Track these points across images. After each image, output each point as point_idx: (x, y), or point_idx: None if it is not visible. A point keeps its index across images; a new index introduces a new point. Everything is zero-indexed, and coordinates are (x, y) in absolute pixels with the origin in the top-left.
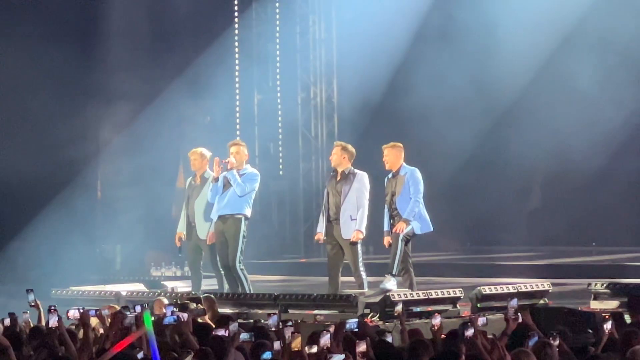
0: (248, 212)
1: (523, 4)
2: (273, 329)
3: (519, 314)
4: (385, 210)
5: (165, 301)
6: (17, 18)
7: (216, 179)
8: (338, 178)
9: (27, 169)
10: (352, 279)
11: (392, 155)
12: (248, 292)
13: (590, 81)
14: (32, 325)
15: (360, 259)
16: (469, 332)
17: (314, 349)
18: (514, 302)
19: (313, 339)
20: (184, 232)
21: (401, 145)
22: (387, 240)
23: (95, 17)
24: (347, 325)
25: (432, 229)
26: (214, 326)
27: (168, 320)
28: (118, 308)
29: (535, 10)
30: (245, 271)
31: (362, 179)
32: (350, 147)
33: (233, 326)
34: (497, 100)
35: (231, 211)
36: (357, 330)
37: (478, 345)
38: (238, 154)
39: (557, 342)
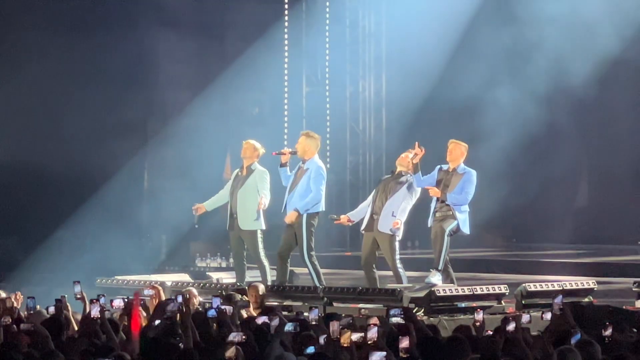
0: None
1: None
2: (314, 322)
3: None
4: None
5: (195, 292)
6: (63, 9)
7: (284, 164)
8: (394, 177)
9: (75, 158)
10: (391, 273)
11: (458, 152)
12: (318, 284)
13: None
14: (71, 310)
15: (397, 254)
16: (510, 327)
17: (357, 335)
18: (559, 299)
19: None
20: (206, 207)
21: (467, 145)
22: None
23: (145, 6)
24: (392, 312)
25: (469, 232)
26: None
27: (211, 313)
28: (159, 288)
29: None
30: (317, 265)
31: (413, 183)
32: None
33: (275, 321)
34: (546, 98)
35: (297, 205)
36: (403, 319)
37: (520, 341)
38: (300, 144)
39: (608, 332)
